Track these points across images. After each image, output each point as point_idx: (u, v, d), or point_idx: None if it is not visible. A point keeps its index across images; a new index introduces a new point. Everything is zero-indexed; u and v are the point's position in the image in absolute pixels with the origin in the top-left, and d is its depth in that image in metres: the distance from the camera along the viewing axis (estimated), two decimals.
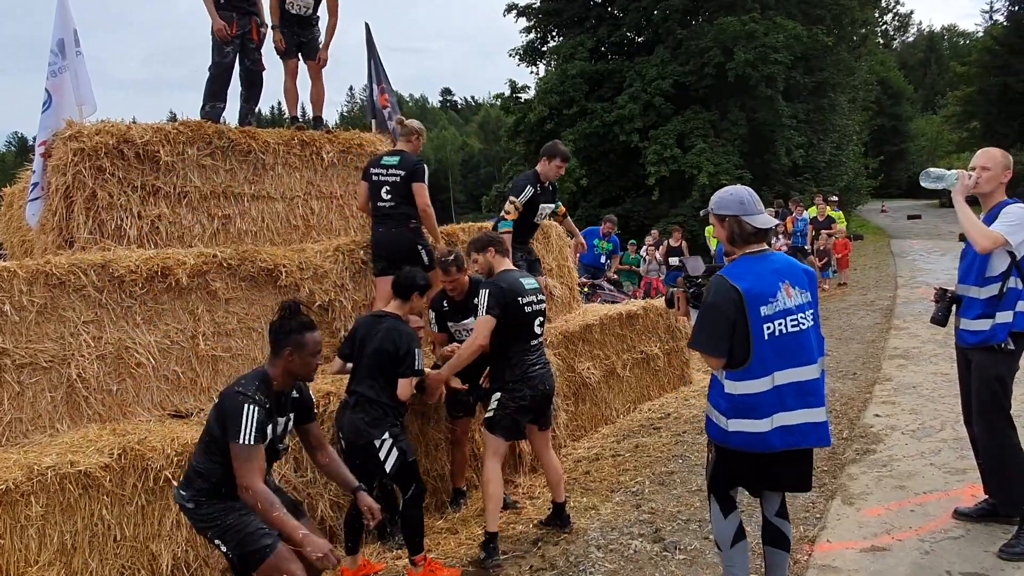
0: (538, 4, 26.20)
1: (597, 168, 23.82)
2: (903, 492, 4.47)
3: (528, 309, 4.27)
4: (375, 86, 6.99)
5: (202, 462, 3.08)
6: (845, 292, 14.21)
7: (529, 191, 5.58)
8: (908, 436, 5.50)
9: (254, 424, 2.92)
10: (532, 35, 27.07)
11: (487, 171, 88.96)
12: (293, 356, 3.11)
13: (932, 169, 3.96)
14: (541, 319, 4.37)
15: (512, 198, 5.61)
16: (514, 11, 26.35)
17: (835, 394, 6.88)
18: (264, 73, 6.22)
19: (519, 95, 26.65)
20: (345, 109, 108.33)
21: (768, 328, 2.85)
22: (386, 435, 3.95)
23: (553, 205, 6.01)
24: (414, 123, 5.58)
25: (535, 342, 4.35)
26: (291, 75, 6.38)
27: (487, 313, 4.16)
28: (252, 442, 2.91)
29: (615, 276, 14.34)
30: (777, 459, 2.95)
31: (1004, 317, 3.59)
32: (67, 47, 5.38)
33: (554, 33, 26.86)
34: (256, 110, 6.33)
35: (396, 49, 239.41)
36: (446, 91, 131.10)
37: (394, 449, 3.95)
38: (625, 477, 5.45)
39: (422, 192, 5.26)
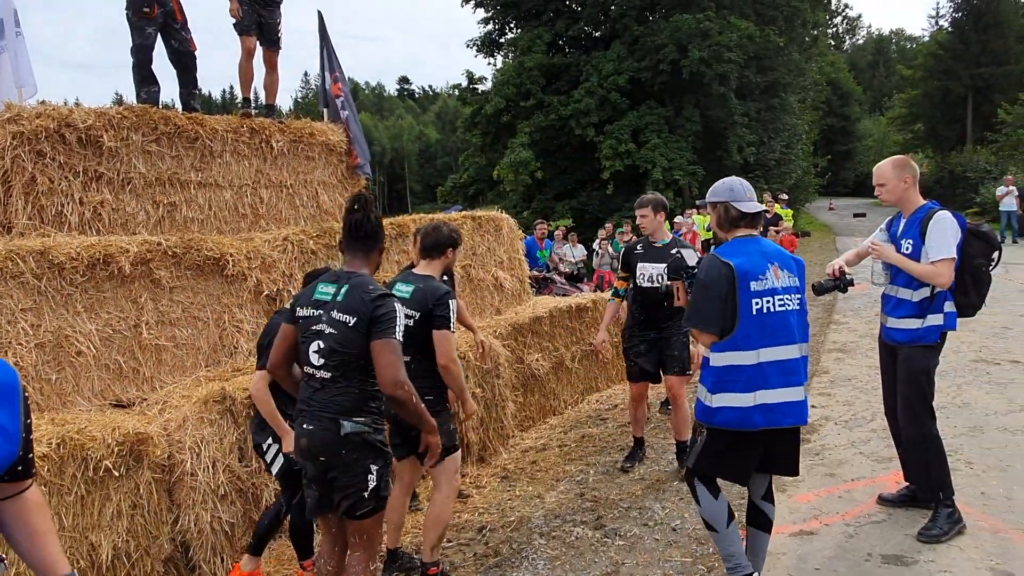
0: None
1: (553, 161, 23.93)
2: (833, 479, 4.67)
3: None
4: (328, 75, 6.93)
5: (362, 383, 2.99)
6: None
7: None
8: (841, 426, 5.73)
9: (402, 322, 2.97)
10: (490, 26, 27.03)
11: (444, 161, 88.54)
12: (383, 249, 3.19)
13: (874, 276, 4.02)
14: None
15: None
16: (472, 2, 26.25)
17: None
18: (196, 53, 6.10)
19: (476, 86, 26.60)
20: (299, 95, 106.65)
21: (756, 304, 2.99)
22: (270, 439, 3.81)
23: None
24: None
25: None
26: (247, 54, 6.23)
27: None
28: (401, 338, 2.94)
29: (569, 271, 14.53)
30: (766, 440, 3.09)
31: (935, 319, 3.76)
32: (6, 28, 5.24)
33: (512, 25, 26.82)
34: (198, 93, 6.21)
35: (352, 37, 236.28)
36: (403, 80, 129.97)
37: (279, 456, 3.78)
38: (571, 467, 5.56)
39: None
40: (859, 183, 57.53)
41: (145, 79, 5.84)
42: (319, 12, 6.88)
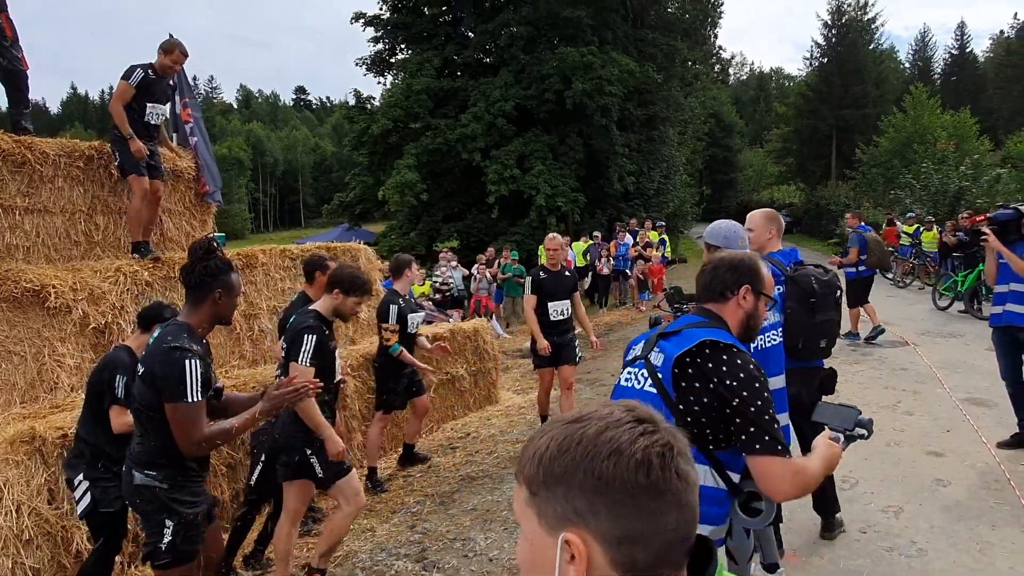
0: (387, 16, 26.16)
1: (439, 184, 24.08)
2: None
3: None
4: (178, 99, 6.80)
5: (160, 437, 2.93)
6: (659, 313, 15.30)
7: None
8: None
9: (199, 378, 2.86)
10: (381, 46, 27.02)
11: (339, 175, 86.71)
12: (223, 298, 3.07)
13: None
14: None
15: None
16: (362, 20, 26.13)
17: None
18: (28, 72, 5.83)
19: (365, 105, 26.44)
20: None
21: (760, 340, 3.24)
22: (81, 476, 3.72)
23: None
24: None
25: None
26: (143, 195, 5.65)
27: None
28: (200, 398, 2.87)
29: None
30: None
31: None
32: None
33: (403, 46, 26.90)
34: (28, 114, 5.96)
35: (243, 41, 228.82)
36: (300, 89, 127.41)
37: (87, 495, 3.72)
38: (410, 498, 5.66)
39: None
40: (740, 211, 61.01)
41: None
42: (169, 34, 6.73)
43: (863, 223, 10.62)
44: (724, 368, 2.03)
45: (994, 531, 4.21)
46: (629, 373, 2.25)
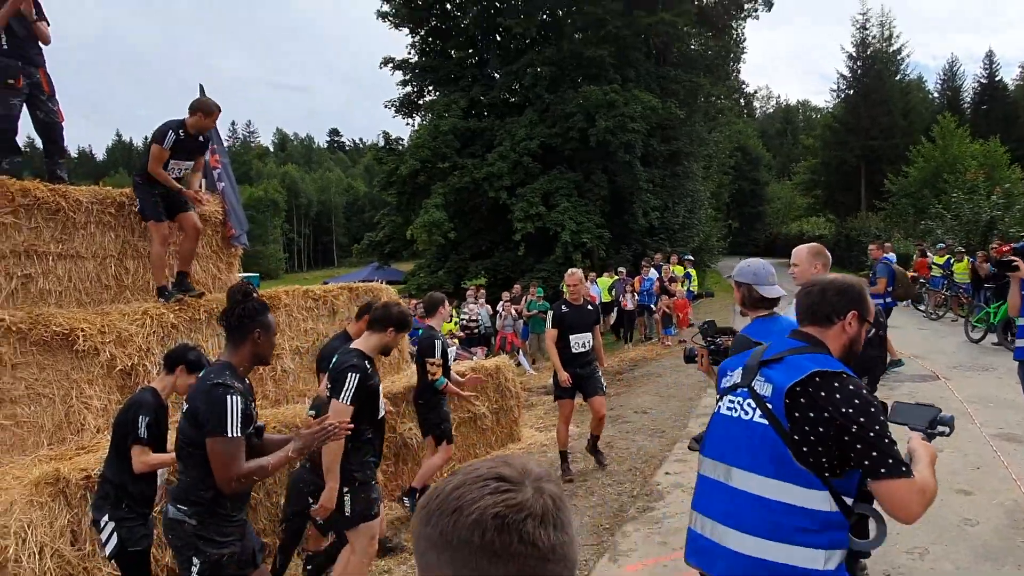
0: (414, 60, 26.86)
1: (467, 222, 24.42)
2: (663, 548, 4.93)
3: None
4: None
5: (197, 473, 3.04)
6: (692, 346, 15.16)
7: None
8: (688, 493, 5.99)
9: (240, 414, 2.96)
10: (409, 88, 27.70)
11: (371, 215, 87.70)
12: (262, 337, 3.18)
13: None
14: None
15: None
16: (391, 64, 26.87)
17: (641, 452, 7.40)
18: (63, 124, 6.06)
19: (394, 146, 27.01)
20: None
21: None
22: (106, 517, 3.77)
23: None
24: None
25: None
26: (162, 241, 5.86)
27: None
28: (240, 434, 2.96)
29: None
30: None
31: None
32: None
33: (430, 88, 27.54)
34: (64, 163, 6.20)
35: (280, 86, 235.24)
36: (334, 132, 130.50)
37: (114, 535, 3.74)
38: None
39: None
40: (769, 244, 60.54)
41: (8, 150, 5.82)
42: (200, 86, 7.01)
43: (888, 254, 10.61)
44: (838, 396, 2.05)
45: (1020, 572, 4.09)
46: (732, 402, 2.26)
